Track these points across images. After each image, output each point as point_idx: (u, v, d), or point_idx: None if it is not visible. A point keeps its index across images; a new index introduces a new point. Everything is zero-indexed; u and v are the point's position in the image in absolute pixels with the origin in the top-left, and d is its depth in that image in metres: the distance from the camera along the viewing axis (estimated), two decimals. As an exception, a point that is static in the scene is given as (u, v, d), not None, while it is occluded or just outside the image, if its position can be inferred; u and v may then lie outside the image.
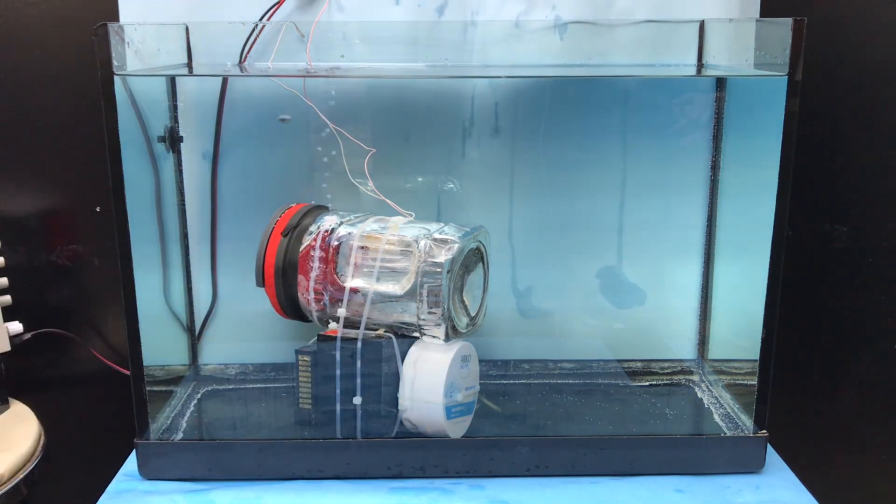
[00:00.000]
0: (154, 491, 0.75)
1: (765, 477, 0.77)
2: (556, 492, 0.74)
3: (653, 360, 0.95)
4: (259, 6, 0.85)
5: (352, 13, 0.86)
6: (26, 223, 0.94)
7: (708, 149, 0.89)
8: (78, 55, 0.89)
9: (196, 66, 0.84)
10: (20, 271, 0.92)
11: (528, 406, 0.88)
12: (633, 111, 0.88)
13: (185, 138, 0.86)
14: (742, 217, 0.86)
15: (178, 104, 0.85)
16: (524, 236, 0.91)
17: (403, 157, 0.89)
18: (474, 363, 0.79)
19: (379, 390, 0.75)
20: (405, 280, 0.75)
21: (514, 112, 0.88)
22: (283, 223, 0.79)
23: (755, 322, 0.75)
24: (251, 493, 0.74)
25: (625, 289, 0.93)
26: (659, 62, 0.86)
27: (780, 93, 0.69)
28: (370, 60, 0.83)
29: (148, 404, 0.75)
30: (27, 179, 0.94)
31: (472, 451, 0.76)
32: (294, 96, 0.83)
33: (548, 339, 0.95)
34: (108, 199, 0.71)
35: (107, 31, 0.68)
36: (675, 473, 0.77)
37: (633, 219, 0.91)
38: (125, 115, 0.71)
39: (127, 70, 0.71)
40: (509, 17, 0.86)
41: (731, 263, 0.89)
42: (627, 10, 0.87)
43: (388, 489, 0.75)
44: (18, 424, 0.86)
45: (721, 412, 0.84)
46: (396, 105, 0.88)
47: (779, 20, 0.70)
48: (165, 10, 0.85)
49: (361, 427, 0.76)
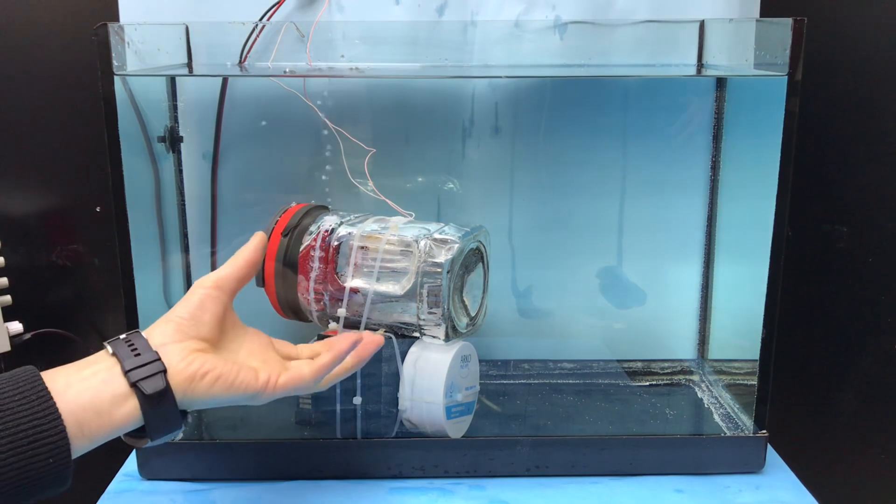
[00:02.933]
0: (154, 491, 0.75)
1: (765, 477, 0.77)
2: (556, 492, 0.74)
3: (653, 360, 0.95)
4: (259, 6, 0.85)
5: (352, 13, 0.86)
6: (26, 223, 0.94)
7: (708, 149, 0.89)
8: (78, 55, 0.89)
9: (196, 66, 0.84)
10: (20, 271, 0.92)
11: (528, 406, 0.88)
12: (633, 111, 0.88)
13: (185, 138, 0.86)
14: (742, 217, 0.86)
15: (178, 104, 0.85)
16: (524, 236, 0.91)
17: (403, 157, 0.89)
18: (474, 363, 0.79)
19: (379, 390, 0.75)
20: (405, 280, 0.75)
21: (514, 112, 0.88)
22: (283, 223, 0.79)
23: (755, 322, 0.75)
24: (251, 493, 0.74)
25: (625, 289, 0.93)
26: (659, 62, 0.86)
27: (780, 93, 0.69)
28: (370, 60, 0.83)
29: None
30: (27, 179, 0.94)
31: (472, 451, 0.76)
32: (294, 96, 0.83)
33: (548, 339, 0.95)
34: (108, 199, 0.71)
35: (107, 31, 0.68)
36: (675, 473, 0.77)
37: (633, 219, 0.91)
38: (125, 115, 0.71)
39: (127, 70, 0.71)
40: (509, 17, 0.86)
41: (731, 263, 0.89)
42: (627, 10, 0.87)
43: (388, 489, 0.75)
44: (18, 424, 0.86)
45: (721, 412, 0.84)
46: (396, 105, 0.88)
47: (779, 20, 0.70)
48: (165, 10, 0.85)
49: (361, 427, 0.76)
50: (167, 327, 0.58)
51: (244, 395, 0.58)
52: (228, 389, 0.57)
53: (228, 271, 0.63)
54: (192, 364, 0.56)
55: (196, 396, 0.56)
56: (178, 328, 0.58)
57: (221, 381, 0.56)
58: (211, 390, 0.56)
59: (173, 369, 0.55)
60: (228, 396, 0.57)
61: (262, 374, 0.59)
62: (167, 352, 0.56)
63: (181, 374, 0.55)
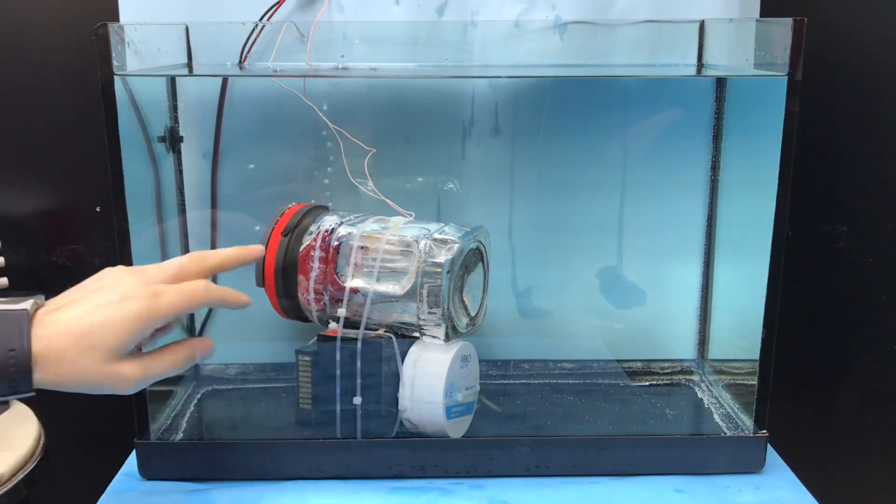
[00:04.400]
0: (154, 491, 0.75)
1: (765, 477, 0.77)
2: (556, 492, 0.74)
3: (653, 360, 0.95)
4: (259, 6, 0.85)
5: (352, 13, 0.86)
6: (26, 223, 0.94)
7: (708, 149, 0.89)
8: (78, 55, 0.89)
9: (196, 66, 0.84)
10: (20, 271, 0.92)
11: (528, 406, 0.88)
12: (633, 111, 0.88)
13: (185, 138, 0.86)
14: (742, 217, 0.86)
15: (178, 104, 0.85)
16: (524, 236, 0.91)
17: (403, 157, 0.89)
18: (474, 363, 0.79)
19: (379, 390, 0.75)
20: (405, 280, 0.75)
21: (514, 112, 0.88)
22: (284, 223, 0.79)
23: (755, 322, 0.75)
24: (251, 493, 0.74)
25: (625, 289, 0.93)
26: (659, 62, 0.86)
27: (780, 93, 0.69)
28: (370, 60, 0.83)
29: (148, 404, 0.75)
30: (27, 179, 0.94)
31: (472, 451, 0.76)
32: (294, 96, 0.83)
33: (548, 339, 0.95)
34: (108, 199, 0.71)
35: (107, 31, 0.68)
36: (675, 473, 0.77)
37: (633, 219, 0.91)
38: (125, 115, 0.71)
39: (127, 70, 0.71)
40: (509, 18, 0.86)
41: (731, 263, 0.89)
42: (627, 10, 0.87)
43: (388, 489, 0.75)
44: (18, 424, 0.86)
45: (721, 412, 0.84)
46: (396, 105, 0.88)
47: (779, 20, 0.70)
48: (165, 10, 0.85)
49: (361, 427, 0.76)
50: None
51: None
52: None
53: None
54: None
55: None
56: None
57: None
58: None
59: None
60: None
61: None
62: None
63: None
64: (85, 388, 0.56)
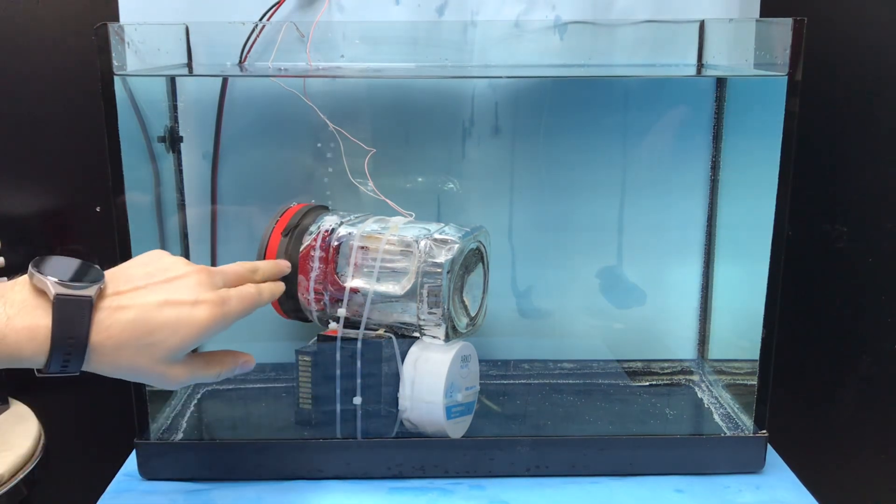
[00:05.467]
0: (154, 491, 0.75)
1: (765, 477, 0.77)
2: (556, 492, 0.74)
3: (653, 360, 0.95)
4: (259, 6, 0.85)
5: (352, 13, 0.86)
6: (26, 223, 0.94)
7: (708, 149, 0.89)
8: (78, 55, 0.89)
9: (196, 66, 0.84)
10: (20, 271, 0.92)
11: (528, 406, 0.88)
12: (633, 111, 0.88)
13: (185, 138, 0.86)
14: (742, 217, 0.86)
15: (178, 104, 0.85)
16: (524, 236, 0.91)
17: (403, 157, 0.89)
18: (474, 363, 0.79)
19: (379, 390, 0.75)
20: (405, 280, 0.75)
21: (514, 112, 0.88)
22: (284, 223, 0.79)
23: (755, 322, 0.75)
24: (251, 493, 0.74)
25: (625, 289, 0.93)
26: (659, 62, 0.86)
27: (780, 93, 0.69)
28: (370, 60, 0.83)
29: (148, 404, 0.75)
30: (27, 179, 0.94)
31: (473, 451, 0.76)
32: (294, 96, 0.83)
33: (548, 339, 0.95)
34: (108, 199, 0.71)
35: (107, 31, 0.68)
36: (675, 473, 0.77)
37: (633, 219, 0.91)
38: (125, 115, 0.71)
39: (127, 70, 0.71)
40: (509, 18, 0.86)
41: (731, 263, 0.89)
42: (627, 10, 0.87)
43: (388, 489, 0.75)
44: (18, 424, 0.86)
45: (721, 412, 0.84)
46: (396, 105, 0.88)
47: (779, 20, 0.70)
48: (165, 10, 0.85)
49: (361, 427, 0.76)
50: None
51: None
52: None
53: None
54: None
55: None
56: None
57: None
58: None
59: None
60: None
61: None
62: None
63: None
64: (131, 378, 0.56)
